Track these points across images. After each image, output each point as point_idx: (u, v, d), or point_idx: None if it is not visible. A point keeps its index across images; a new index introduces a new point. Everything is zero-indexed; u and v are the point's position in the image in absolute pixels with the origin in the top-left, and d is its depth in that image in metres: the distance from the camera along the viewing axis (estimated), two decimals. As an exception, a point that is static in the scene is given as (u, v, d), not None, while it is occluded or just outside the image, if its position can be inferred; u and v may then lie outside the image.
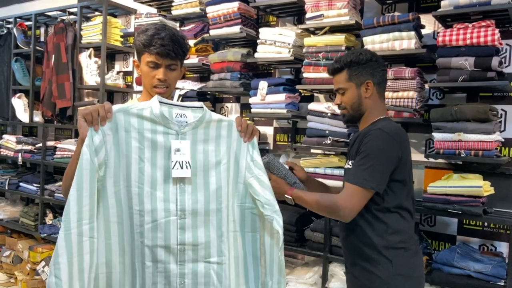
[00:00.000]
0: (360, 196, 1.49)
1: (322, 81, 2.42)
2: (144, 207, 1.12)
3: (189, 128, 1.17)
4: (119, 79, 3.62)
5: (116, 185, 1.12)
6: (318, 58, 2.41)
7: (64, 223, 1.06)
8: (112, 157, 1.11)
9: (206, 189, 1.17)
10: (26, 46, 4.02)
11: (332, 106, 2.39)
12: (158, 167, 1.13)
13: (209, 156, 1.19)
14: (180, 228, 1.14)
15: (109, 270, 1.13)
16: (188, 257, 1.15)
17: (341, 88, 1.67)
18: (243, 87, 2.74)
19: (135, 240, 1.13)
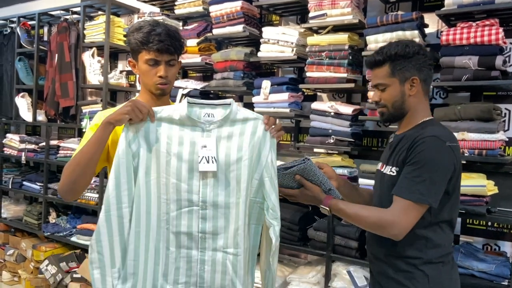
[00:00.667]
0: (414, 212, 1.33)
1: (325, 80, 2.42)
2: (170, 196, 1.22)
3: (214, 126, 1.24)
4: (122, 78, 3.63)
5: (147, 176, 1.21)
6: (321, 57, 2.41)
7: (104, 205, 1.18)
8: (143, 150, 1.21)
9: (227, 183, 1.24)
10: (30, 45, 4.03)
11: (336, 106, 2.39)
12: (184, 161, 1.22)
13: (231, 152, 1.24)
14: (201, 217, 1.23)
15: (136, 258, 1.21)
16: (208, 245, 1.24)
17: (381, 84, 1.47)
18: (246, 86, 2.74)
19: (161, 228, 1.23)
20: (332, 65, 2.38)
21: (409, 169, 1.36)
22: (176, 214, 1.22)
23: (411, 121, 1.47)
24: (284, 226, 2.50)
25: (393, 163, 1.45)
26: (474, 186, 1.98)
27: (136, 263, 1.21)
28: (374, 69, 1.49)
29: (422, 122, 1.46)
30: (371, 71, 1.51)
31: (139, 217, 1.21)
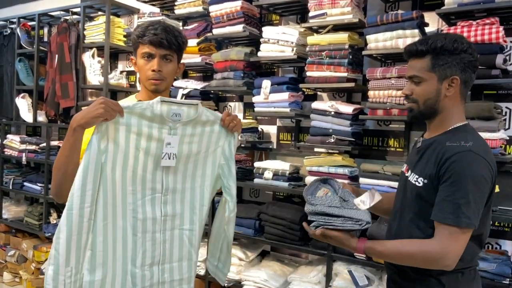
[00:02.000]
0: (463, 237, 1.25)
1: (326, 80, 2.41)
2: (136, 187, 1.32)
3: (180, 125, 1.34)
4: (122, 78, 3.63)
5: (113, 171, 1.28)
6: (321, 56, 2.41)
7: (68, 203, 1.21)
8: (112, 146, 1.27)
9: (184, 172, 1.41)
10: (30, 46, 4.03)
11: (336, 105, 2.39)
12: (150, 155, 1.32)
13: (192, 147, 1.39)
14: (163, 202, 1.38)
15: (105, 248, 1.29)
16: (168, 226, 1.39)
17: (417, 77, 1.34)
18: (246, 86, 2.74)
19: (127, 217, 1.32)
20: (332, 65, 2.37)
21: (449, 190, 1.25)
22: (141, 202, 1.33)
23: (443, 125, 1.36)
24: (285, 226, 2.50)
25: (421, 172, 1.35)
26: (475, 185, 1.98)
27: (105, 253, 1.29)
28: (412, 59, 1.37)
29: (455, 128, 1.34)
30: (409, 60, 1.39)
31: (106, 210, 1.28)
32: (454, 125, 1.35)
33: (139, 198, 1.33)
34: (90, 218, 1.24)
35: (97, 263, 1.27)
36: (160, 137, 1.32)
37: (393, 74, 2.17)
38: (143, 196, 1.34)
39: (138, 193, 1.33)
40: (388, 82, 2.20)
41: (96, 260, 1.27)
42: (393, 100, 2.19)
